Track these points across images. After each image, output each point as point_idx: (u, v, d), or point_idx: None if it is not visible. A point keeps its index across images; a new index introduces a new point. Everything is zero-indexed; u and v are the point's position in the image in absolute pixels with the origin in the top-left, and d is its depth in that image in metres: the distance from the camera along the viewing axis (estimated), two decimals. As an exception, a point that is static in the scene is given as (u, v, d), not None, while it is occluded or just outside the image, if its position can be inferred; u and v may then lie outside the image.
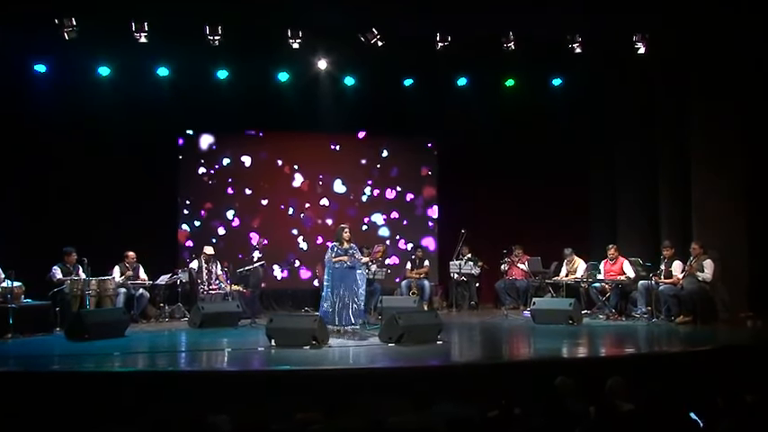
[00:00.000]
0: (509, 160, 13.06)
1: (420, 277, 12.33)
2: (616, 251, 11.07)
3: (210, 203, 12.88)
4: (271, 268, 12.56)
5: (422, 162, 13.55)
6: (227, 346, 8.49)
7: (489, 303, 12.89)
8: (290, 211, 13.07)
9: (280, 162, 13.07)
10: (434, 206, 13.51)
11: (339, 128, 12.89)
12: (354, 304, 9.35)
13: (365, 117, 12.72)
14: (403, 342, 8.27)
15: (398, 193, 13.45)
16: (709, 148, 10.57)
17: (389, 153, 13.44)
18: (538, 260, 11.92)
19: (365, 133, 13.33)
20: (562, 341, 8.84)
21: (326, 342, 8.36)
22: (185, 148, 12.80)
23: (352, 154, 13.35)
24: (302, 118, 12.35)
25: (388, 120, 12.94)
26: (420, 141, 13.50)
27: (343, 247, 9.50)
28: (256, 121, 12.47)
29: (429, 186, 13.53)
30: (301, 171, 13.15)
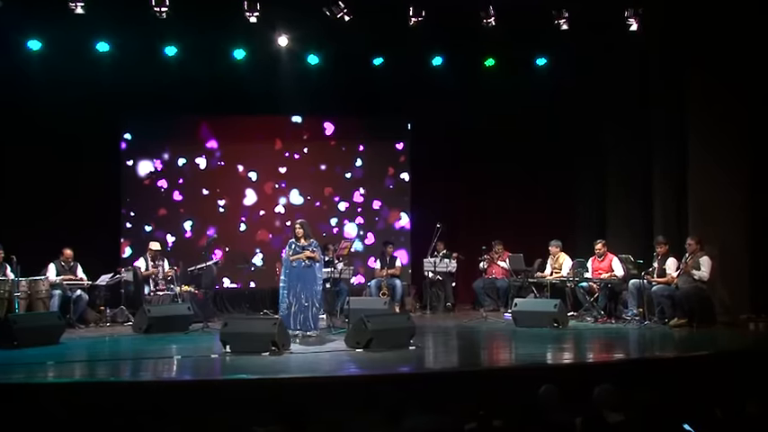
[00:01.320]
0: (489, 147, 13.09)
1: (391, 276, 12.30)
2: (604, 247, 11.15)
3: (158, 192, 12.74)
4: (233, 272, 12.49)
5: (393, 150, 13.51)
6: (177, 353, 8.42)
7: (467, 305, 12.92)
8: (246, 202, 12.98)
9: (235, 150, 12.95)
10: (407, 197, 13.49)
11: (302, 111, 12.79)
12: (314, 307, 9.35)
13: (331, 100, 12.63)
14: (372, 347, 8.26)
15: (367, 184, 13.41)
16: (707, 134, 10.66)
17: (357, 139, 13.38)
18: (520, 257, 11.96)
19: (331, 117, 13.25)
20: (546, 346, 8.86)
21: (288, 348, 8.33)
22: (128, 133, 12.62)
23: (317, 140, 13.26)
24: (260, 101, 12.24)
25: (357, 103, 12.88)
26: (391, 126, 13.46)
27: (301, 243, 9.47)
28: (209, 103, 12.31)
29: (401, 176, 13.51)
30: (259, 160, 13.04)
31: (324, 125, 13.28)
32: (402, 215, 13.34)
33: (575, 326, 10.44)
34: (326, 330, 9.69)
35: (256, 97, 12.16)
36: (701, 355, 7.89)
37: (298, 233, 9.52)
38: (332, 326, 9.95)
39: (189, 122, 12.76)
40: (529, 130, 12.84)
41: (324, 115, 13.18)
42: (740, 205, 10.49)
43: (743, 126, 10.50)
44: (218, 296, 12.22)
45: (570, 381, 6.44)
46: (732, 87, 10.44)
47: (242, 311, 12.22)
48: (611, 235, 11.90)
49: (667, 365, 7.67)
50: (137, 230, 12.49)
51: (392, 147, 13.46)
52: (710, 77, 10.59)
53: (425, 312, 12.21)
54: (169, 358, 8.12)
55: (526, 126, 12.83)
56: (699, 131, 10.77)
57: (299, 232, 9.52)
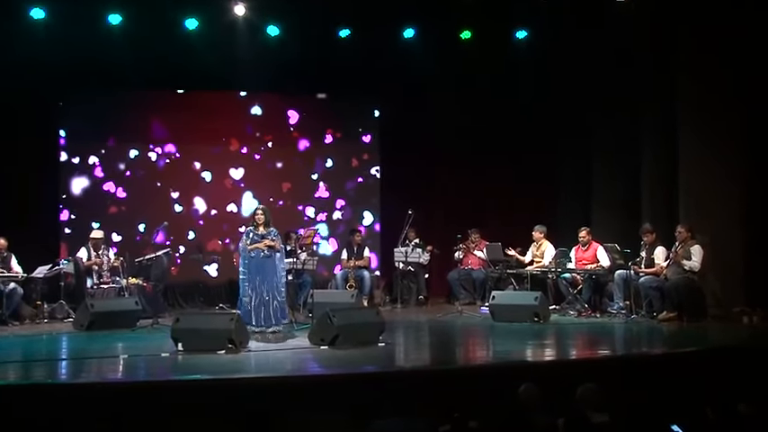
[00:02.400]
0: (465, 128, 13.11)
1: (359, 267, 12.29)
2: (588, 235, 11.23)
3: (102, 177, 12.61)
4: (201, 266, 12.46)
5: (361, 130, 13.50)
6: (123, 351, 8.35)
7: (441, 298, 12.97)
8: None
9: (187, 135, 12.86)
10: (376, 183, 13.48)
11: (260, 87, 12.69)
12: (275, 300, 9.33)
13: (292, 75, 12.54)
14: (338, 344, 8.25)
15: (332, 168, 13.40)
16: (699, 115, 10.75)
17: (321, 120, 13.35)
18: (498, 246, 11.99)
19: (292, 95, 13.18)
20: (526, 342, 8.93)
21: (246, 345, 8.30)
22: (66, 113, 12.43)
23: (277, 120, 13.20)
24: (214, 76, 12.11)
25: (321, 79, 12.81)
26: (359, 105, 13.44)
27: (260, 232, 9.42)
28: (157, 79, 12.12)
29: (370, 160, 13.50)
30: (212, 141, 12.96)
31: (283, 102, 13.22)
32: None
33: (557, 320, 10.52)
34: (288, 326, 9.66)
35: (209, 72, 12.02)
36: (691, 352, 7.98)
37: (258, 219, 9.48)
38: (294, 321, 9.93)
39: (134, 103, 12.51)
40: (509, 110, 12.87)
41: (285, 94, 13.10)
42: (733, 191, 10.60)
43: (737, 108, 10.60)
44: (169, 289, 12.12)
45: (552, 379, 6.48)
46: (727, 68, 10.53)
47: (196, 306, 12.16)
48: (596, 222, 11.99)
49: (655, 362, 7.76)
50: (79, 225, 12.32)
51: (359, 128, 13.45)
52: (704, 57, 10.67)
53: (396, 306, 12.22)
54: (114, 358, 8.04)
55: (505, 106, 12.86)
56: (690, 114, 10.86)
57: (259, 218, 9.48)
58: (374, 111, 13.50)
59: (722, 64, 10.56)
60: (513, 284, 11.74)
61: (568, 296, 11.20)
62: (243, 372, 7.29)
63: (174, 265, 12.42)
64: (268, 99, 13.13)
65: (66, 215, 12.43)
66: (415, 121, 13.17)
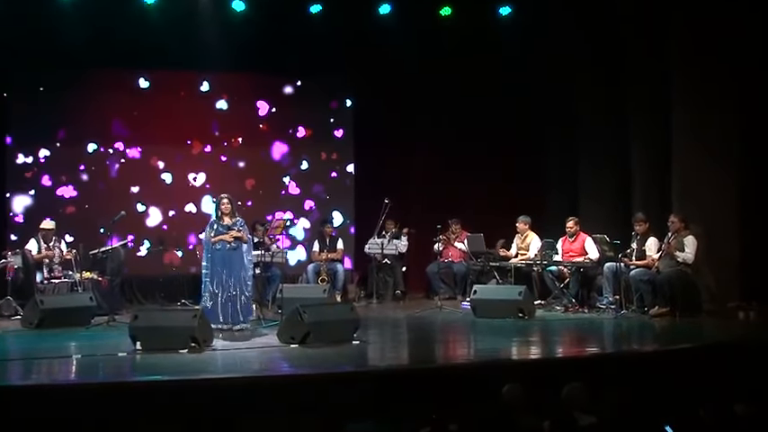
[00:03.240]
0: (445, 113, 13.11)
1: (331, 260, 12.28)
2: (576, 225, 11.28)
3: (53, 160, 12.49)
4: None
5: (333, 114, 13.47)
6: (76, 351, 8.27)
7: (419, 292, 12.98)
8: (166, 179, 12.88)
9: (148, 114, 12.74)
10: (350, 170, 13.47)
11: (224, 68, 12.59)
12: (243, 296, 9.30)
13: (259, 55, 12.50)
14: (309, 343, 8.25)
15: (304, 165, 13.39)
16: (693, 100, 10.81)
17: (291, 103, 13.31)
18: (480, 237, 12.02)
19: (259, 76, 13.11)
20: (510, 339, 8.96)
21: (210, 344, 8.27)
22: (13, 99, 12.28)
23: (243, 103, 13.14)
24: (175, 55, 12.02)
25: (290, 59, 12.73)
26: (331, 87, 13.40)
27: (225, 222, 9.40)
28: (111, 57, 11.99)
29: (343, 153, 13.50)
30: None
31: (249, 84, 13.19)
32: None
33: (542, 316, 10.57)
34: (256, 323, 9.64)
35: (170, 51, 11.91)
36: (684, 349, 8.04)
37: (224, 209, 9.43)
38: (262, 318, 9.91)
39: (87, 89, 12.39)
40: (492, 94, 12.88)
41: (252, 75, 13.03)
42: (729, 179, 10.69)
43: (732, 94, 10.67)
44: (126, 284, 12.06)
45: (537, 379, 6.51)
46: (722, 53, 10.59)
47: (156, 302, 12.10)
48: (584, 212, 12.04)
49: (646, 360, 7.82)
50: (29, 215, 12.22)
51: (331, 119, 13.47)
52: (697, 41, 10.73)
53: (371, 301, 12.24)
54: (67, 358, 7.97)
55: (488, 89, 12.87)
56: (683, 100, 10.92)
57: (225, 208, 9.43)
58: (347, 100, 13.50)
59: (716, 49, 10.61)
60: (497, 278, 11.77)
61: (555, 290, 11.25)
62: (207, 372, 7.25)
63: (131, 259, 12.34)
64: (234, 88, 13.04)
65: (15, 205, 12.30)
66: (390, 105, 13.14)
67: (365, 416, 5.44)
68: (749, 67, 10.63)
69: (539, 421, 5.01)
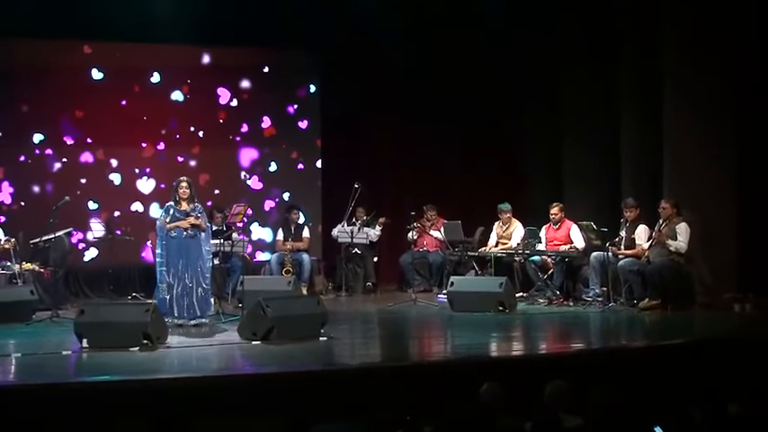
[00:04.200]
0: (420, 89, 13.11)
1: (297, 250, 12.27)
2: (561, 212, 11.34)
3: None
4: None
5: (299, 91, 13.42)
6: (16, 349, 8.19)
7: (392, 284, 13.02)
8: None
9: (99, 88, 12.69)
10: (319, 165, 13.52)
11: (178, 38, 12.50)
12: (200, 288, 9.28)
13: (216, 25, 12.43)
14: (273, 339, 8.24)
15: (266, 134, 13.37)
16: (687, 77, 10.85)
17: (253, 78, 13.29)
18: (457, 225, 12.07)
19: (217, 48, 13.05)
20: (489, 335, 9.01)
21: (164, 341, 8.25)
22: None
23: (199, 77, 13.09)
24: (124, 24, 11.92)
25: (250, 30, 12.67)
26: (296, 62, 13.39)
27: (182, 208, 9.35)
28: (54, 26, 11.87)
29: (310, 125, 13.46)
30: (125, 98, 12.82)
31: (206, 57, 13.15)
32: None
33: (524, 309, 10.63)
34: (215, 318, 9.62)
35: (119, 20, 11.81)
36: (676, 344, 8.11)
37: (182, 193, 9.37)
38: (221, 312, 9.88)
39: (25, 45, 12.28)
40: (470, 68, 12.89)
41: (206, 45, 12.96)
42: (725, 161, 10.76)
43: (729, 70, 10.72)
44: (71, 276, 11.99)
45: (518, 377, 6.56)
46: (719, 26, 10.63)
47: (104, 295, 12.06)
48: (569, 198, 12.10)
49: (635, 357, 7.88)
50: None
51: (295, 95, 13.46)
52: (693, 14, 10.76)
53: (340, 294, 12.27)
54: (5, 357, 7.89)
55: (466, 63, 12.88)
56: (676, 77, 10.95)
57: (184, 192, 9.37)
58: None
59: (714, 24, 10.64)
60: (475, 269, 11.82)
61: (538, 282, 11.31)
62: (161, 372, 7.22)
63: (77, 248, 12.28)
64: (186, 51, 12.97)
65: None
66: (360, 86, 13.14)
67: (333, 418, 5.45)
68: (748, 47, 10.67)
69: (520, 423, 5.04)
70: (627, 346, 8.54)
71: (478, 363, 7.65)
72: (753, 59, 10.66)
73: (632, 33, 11.54)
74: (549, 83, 12.76)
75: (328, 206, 13.29)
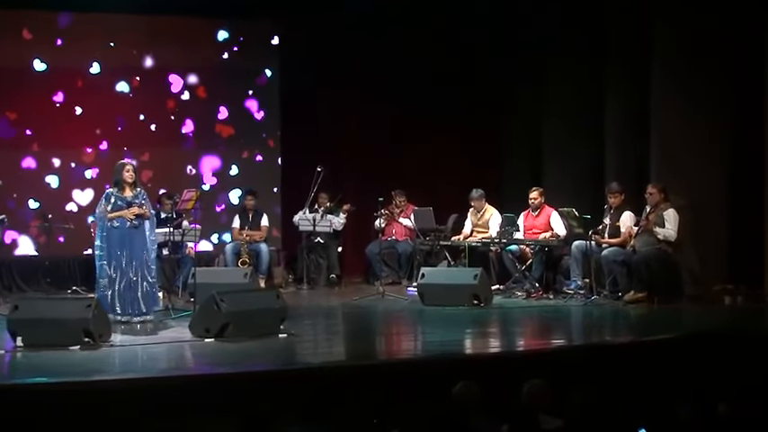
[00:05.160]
0: (389, 67, 13.11)
1: (255, 240, 12.24)
2: (541, 196, 11.38)
3: None
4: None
5: (258, 66, 13.41)
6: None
7: (357, 276, 13.05)
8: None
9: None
10: (276, 134, 13.46)
11: (126, 8, 12.42)
12: (145, 282, 9.24)
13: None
14: (228, 336, 8.23)
15: (220, 114, 13.32)
16: (677, 52, 10.93)
17: (206, 53, 13.23)
18: (429, 211, 12.07)
19: (168, 20, 12.97)
20: (463, 331, 9.06)
21: (107, 339, 8.20)
22: None
23: (147, 52, 13.01)
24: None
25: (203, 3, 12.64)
26: (255, 34, 13.37)
27: (126, 195, 9.30)
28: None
29: (268, 104, 13.45)
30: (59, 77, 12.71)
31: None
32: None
33: (501, 303, 10.70)
34: (163, 313, 9.60)
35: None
36: (662, 340, 8.19)
37: (128, 177, 9.30)
38: (171, 307, 9.85)
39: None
40: (444, 44, 12.90)
41: (155, 14, 12.88)
42: (715, 143, 10.85)
43: (721, 46, 10.81)
44: (4, 268, 11.94)
45: (494, 376, 6.58)
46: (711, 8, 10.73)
47: (41, 289, 11.95)
48: (549, 182, 12.16)
49: (620, 354, 7.94)
50: None
51: (254, 67, 13.43)
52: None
53: (301, 287, 12.28)
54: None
55: (441, 38, 12.89)
56: (666, 50, 11.03)
57: (129, 176, 9.31)
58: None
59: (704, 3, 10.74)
60: (448, 259, 11.85)
61: (515, 273, 11.35)
62: (104, 372, 7.21)
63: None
64: (132, 22, 12.86)
65: None
66: (326, 57, 13.10)
67: (293, 421, 5.45)
68: (740, 26, 10.75)
69: (496, 425, 5.07)
70: (611, 343, 8.60)
71: (451, 361, 7.68)
72: (745, 38, 10.73)
73: (619, 13, 11.58)
74: (529, 61, 12.78)
75: (288, 192, 13.26)
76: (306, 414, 5.91)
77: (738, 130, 10.84)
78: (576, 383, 5.53)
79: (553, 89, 12.56)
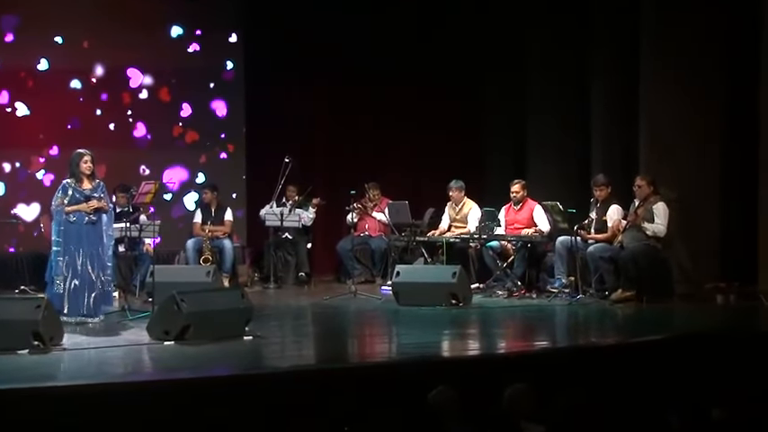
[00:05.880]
0: (360, 53, 13.11)
1: (218, 236, 12.21)
2: (523, 189, 11.39)
3: None
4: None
5: (222, 54, 13.43)
6: None
7: (328, 274, 13.06)
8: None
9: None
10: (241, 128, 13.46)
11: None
12: (101, 280, 9.20)
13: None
14: (189, 339, 8.20)
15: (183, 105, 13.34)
16: (667, 36, 10.97)
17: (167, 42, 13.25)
18: (404, 205, 12.07)
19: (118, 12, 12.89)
20: (440, 332, 9.06)
21: (59, 342, 8.14)
22: None
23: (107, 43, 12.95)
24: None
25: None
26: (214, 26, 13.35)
27: (84, 187, 9.23)
28: None
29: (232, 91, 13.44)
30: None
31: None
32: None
33: (481, 302, 10.72)
34: (119, 314, 9.55)
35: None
36: (651, 341, 8.22)
37: (86, 168, 9.23)
38: (127, 308, 9.79)
39: None
40: (419, 34, 12.89)
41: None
42: (709, 134, 10.90)
43: (715, 28, 10.85)
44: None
45: (474, 380, 6.59)
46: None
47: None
48: (532, 175, 12.19)
49: (607, 356, 7.96)
50: None
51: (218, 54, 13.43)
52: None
53: (268, 286, 12.26)
54: None
55: (415, 26, 12.87)
56: (656, 32, 11.06)
57: (87, 167, 9.24)
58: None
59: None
60: (425, 256, 11.85)
61: (496, 271, 11.38)
62: (55, 378, 7.17)
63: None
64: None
65: None
66: (293, 41, 13.10)
67: (259, 428, 5.44)
68: (731, 3, 10.81)
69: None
70: (597, 344, 8.61)
71: (428, 364, 7.67)
72: (737, 20, 10.78)
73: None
74: (512, 44, 12.79)
75: (254, 185, 13.22)
76: (272, 422, 5.89)
77: (731, 118, 10.88)
78: (560, 388, 5.54)
79: (536, 77, 12.57)
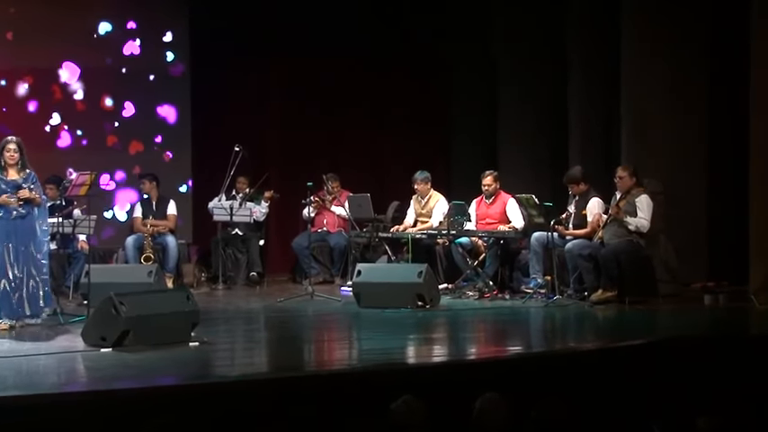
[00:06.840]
0: (315, 34, 13.11)
1: (160, 231, 12.16)
2: (495, 182, 11.42)
3: None
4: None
5: (163, 23, 13.39)
6: None
7: (283, 274, 13.07)
8: None
9: None
10: (186, 108, 13.44)
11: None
12: (33, 280, 9.16)
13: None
14: (128, 345, 8.16)
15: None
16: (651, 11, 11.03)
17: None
18: (366, 198, 12.08)
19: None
20: (405, 337, 9.07)
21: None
22: None
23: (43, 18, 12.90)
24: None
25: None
26: (157, 9, 13.46)
27: (11, 177, 9.18)
28: None
29: (173, 70, 13.42)
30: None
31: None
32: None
33: (450, 304, 10.74)
34: (51, 318, 9.50)
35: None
36: (634, 346, 8.23)
37: (9, 158, 9.16)
38: (60, 311, 9.74)
39: None
40: (378, 6, 12.92)
41: None
42: (695, 121, 10.98)
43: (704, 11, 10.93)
44: None
45: (441, 389, 6.60)
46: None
47: None
48: (505, 166, 12.24)
49: (586, 362, 7.99)
50: None
51: (157, 22, 13.45)
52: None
53: (216, 287, 12.26)
54: None
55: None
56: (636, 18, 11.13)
57: (11, 157, 9.17)
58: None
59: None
60: (388, 254, 11.88)
61: (466, 270, 11.40)
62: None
63: None
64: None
65: None
66: (240, 14, 13.07)
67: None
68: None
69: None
70: (575, 349, 8.64)
71: (391, 372, 7.68)
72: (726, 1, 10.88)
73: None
74: (481, 23, 12.83)
75: (201, 175, 13.18)
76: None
77: (720, 105, 10.95)
78: (536, 397, 5.55)
79: (510, 58, 12.60)
